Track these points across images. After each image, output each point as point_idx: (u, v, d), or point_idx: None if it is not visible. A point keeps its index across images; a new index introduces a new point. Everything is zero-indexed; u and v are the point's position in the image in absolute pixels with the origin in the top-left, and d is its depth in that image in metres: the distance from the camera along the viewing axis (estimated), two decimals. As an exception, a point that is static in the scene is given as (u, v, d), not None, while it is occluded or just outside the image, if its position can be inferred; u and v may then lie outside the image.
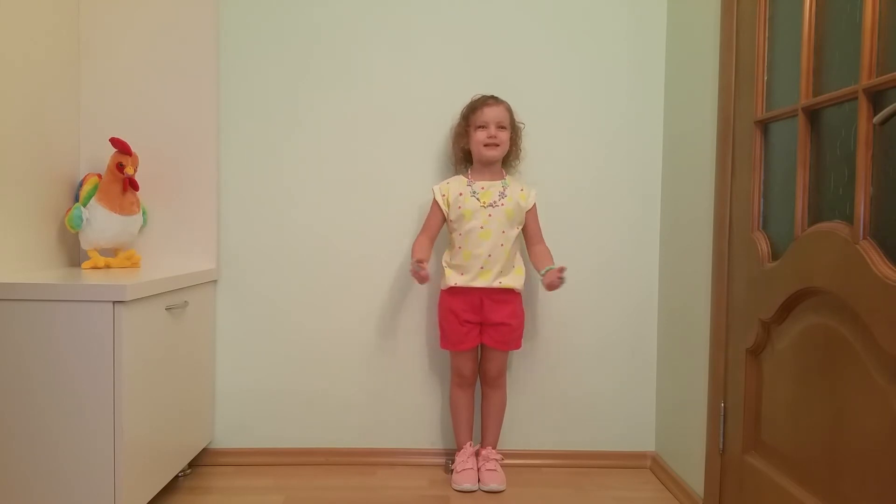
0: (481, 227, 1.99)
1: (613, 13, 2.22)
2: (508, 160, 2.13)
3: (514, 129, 2.08)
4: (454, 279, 2.01)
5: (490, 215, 2.00)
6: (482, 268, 1.99)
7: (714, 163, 1.81)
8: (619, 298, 2.26)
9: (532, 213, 2.07)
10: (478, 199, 2.02)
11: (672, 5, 2.18)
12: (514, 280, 2.03)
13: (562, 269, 1.90)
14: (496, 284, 2.00)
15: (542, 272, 1.98)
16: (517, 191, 2.05)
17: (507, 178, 2.09)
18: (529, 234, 2.08)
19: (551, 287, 1.94)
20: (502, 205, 2.01)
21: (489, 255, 1.98)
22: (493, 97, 2.06)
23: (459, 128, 2.09)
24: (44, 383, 1.54)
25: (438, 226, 2.08)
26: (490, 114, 2.01)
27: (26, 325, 1.54)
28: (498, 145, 2.02)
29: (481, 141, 2.01)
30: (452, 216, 2.04)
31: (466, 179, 2.07)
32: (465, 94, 2.10)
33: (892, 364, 1.13)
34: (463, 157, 2.12)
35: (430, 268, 2.21)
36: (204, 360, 2.12)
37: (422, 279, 1.90)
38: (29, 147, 1.84)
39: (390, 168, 2.22)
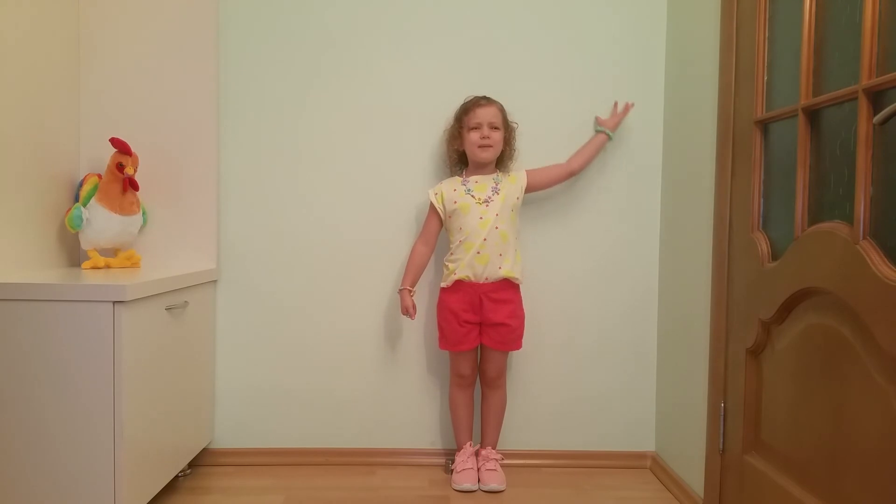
0: (480, 219, 2.00)
1: (613, 13, 2.21)
2: (502, 160, 2.12)
3: (507, 129, 2.08)
4: (455, 271, 2.01)
5: (487, 206, 2.01)
6: (479, 252, 1.99)
7: (714, 163, 1.81)
8: (619, 298, 2.26)
9: (532, 174, 2.09)
10: (472, 195, 2.02)
11: (672, 5, 2.18)
12: (516, 267, 2.02)
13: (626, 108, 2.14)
14: (497, 270, 1.99)
15: (597, 129, 2.12)
16: (507, 179, 2.06)
17: (499, 173, 2.09)
18: (547, 173, 2.12)
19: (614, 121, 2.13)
20: (497, 197, 2.02)
21: (484, 239, 1.98)
22: (485, 97, 2.06)
23: (453, 129, 2.09)
24: (44, 383, 1.54)
25: (436, 228, 2.08)
26: (483, 114, 2.01)
27: (26, 325, 1.54)
28: (491, 146, 2.02)
29: (475, 142, 2.01)
30: (448, 212, 2.04)
31: (461, 178, 2.08)
32: (463, 95, 2.10)
33: (892, 364, 1.13)
34: (457, 159, 2.12)
35: (430, 269, 2.21)
36: (204, 360, 2.12)
37: (409, 314, 2.06)
38: (29, 147, 1.84)
39: (389, 167, 2.22)
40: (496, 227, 1.99)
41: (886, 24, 1.19)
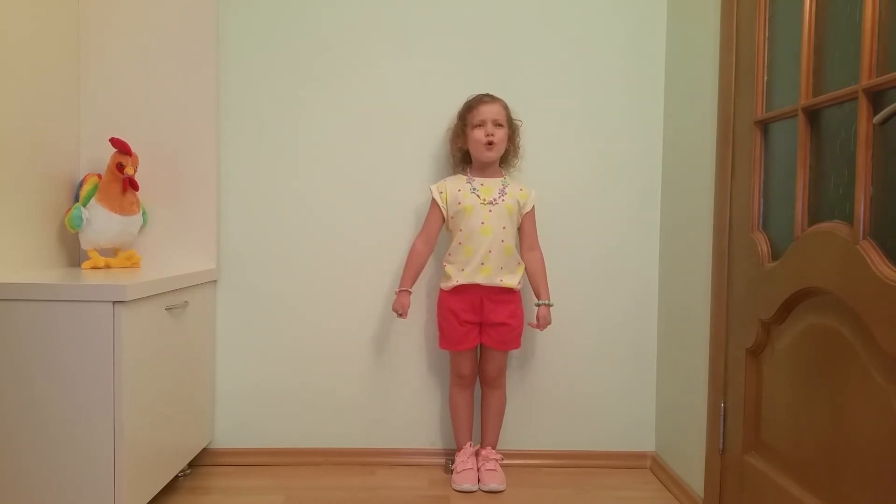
0: (482, 223, 1.99)
1: (613, 13, 2.22)
2: (507, 159, 2.12)
3: (511, 127, 2.07)
4: (456, 277, 2.01)
5: (490, 211, 2.00)
6: (482, 264, 1.99)
7: (714, 163, 1.81)
8: (619, 298, 2.26)
9: (529, 215, 2.07)
10: (478, 195, 2.02)
11: (672, 5, 2.18)
12: (515, 279, 2.03)
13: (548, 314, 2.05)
14: (497, 282, 2.00)
15: (537, 303, 2.06)
16: (517, 190, 2.05)
17: (507, 177, 2.09)
18: (524, 237, 2.08)
19: (539, 327, 2.04)
20: (503, 201, 2.01)
21: (489, 251, 1.98)
22: (488, 95, 2.06)
23: (456, 128, 2.09)
24: (44, 383, 1.54)
25: (438, 227, 2.07)
26: (487, 111, 2.01)
27: (26, 325, 1.54)
28: (495, 143, 2.01)
29: (480, 140, 2.00)
30: (451, 212, 2.03)
31: (466, 177, 2.07)
32: (466, 94, 2.10)
33: (892, 364, 1.13)
34: (461, 158, 2.12)
35: (430, 268, 2.21)
36: (204, 360, 2.12)
37: (400, 314, 2.03)
38: (29, 147, 1.84)
39: (390, 167, 2.22)
40: (502, 241, 1.99)
41: (886, 24, 1.19)
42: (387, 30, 2.20)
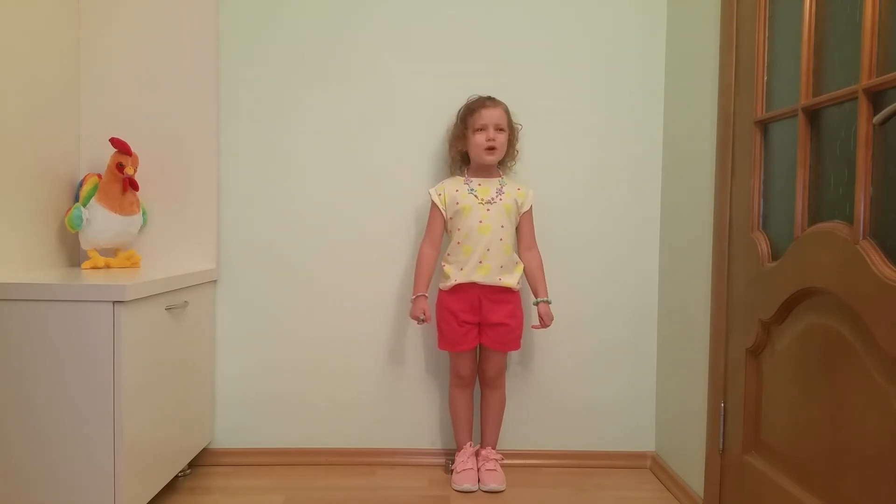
0: (480, 222, 1.99)
1: (613, 13, 2.22)
2: (504, 161, 2.12)
3: (511, 131, 2.07)
4: (454, 276, 2.01)
5: (488, 210, 2.00)
6: (481, 262, 1.99)
7: (714, 163, 1.81)
8: (619, 298, 2.26)
9: (527, 215, 2.07)
10: (475, 195, 2.02)
11: (672, 5, 2.18)
12: (514, 278, 2.03)
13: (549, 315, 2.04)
14: (496, 281, 2.00)
15: (535, 301, 2.05)
16: (514, 189, 2.05)
17: (504, 177, 2.09)
18: (522, 236, 2.08)
19: (545, 325, 2.03)
20: (500, 200, 2.01)
21: (488, 250, 1.98)
22: (490, 98, 2.05)
23: (457, 130, 2.08)
24: (43, 383, 1.54)
25: (440, 229, 2.07)
26: (489, 115, 2.01)
27: (26, 325, 1.54)
28: (496, 148, 2.01)
29: (481, 144, 2.00)
30: (450, 213, 2.03)
31: (463, 178, 2.07)
32: (464, 95, 2.10)
33: (892, 364, 1.13)
34: (460, 160, 2.12)
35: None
36: (204, 361, 2.12)
37: (423, 320, 2.01)
38: (29, 147, 1.84)
39: (390, 168, 2.22)
40: (500, 239, 1.99)
41: (886, 24, 1.19)
42: (388, 30, 2.20)
